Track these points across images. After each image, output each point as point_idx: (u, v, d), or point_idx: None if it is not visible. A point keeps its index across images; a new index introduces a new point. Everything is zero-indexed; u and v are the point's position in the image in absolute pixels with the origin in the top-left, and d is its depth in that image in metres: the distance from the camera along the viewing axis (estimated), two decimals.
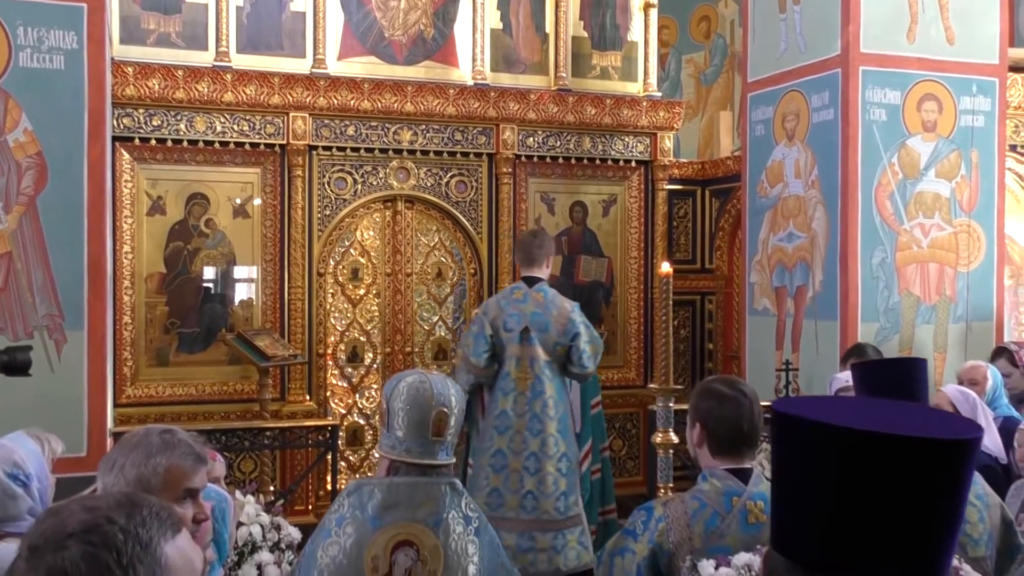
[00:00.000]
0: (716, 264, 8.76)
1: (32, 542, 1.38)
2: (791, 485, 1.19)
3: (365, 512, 2.69)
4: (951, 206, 6.43)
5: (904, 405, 1.37)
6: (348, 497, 2.75)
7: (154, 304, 6.97)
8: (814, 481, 1.14)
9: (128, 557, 1.38)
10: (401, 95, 7.39)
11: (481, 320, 5.54)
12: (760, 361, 7.06)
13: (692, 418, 3.00)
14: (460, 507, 2.78)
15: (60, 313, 5.28)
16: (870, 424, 1.12)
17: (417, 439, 2.76)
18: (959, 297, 6.47)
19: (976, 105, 6.46)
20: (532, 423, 5.57)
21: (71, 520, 1.39)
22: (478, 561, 2.75)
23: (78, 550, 1.36)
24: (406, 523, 2.69)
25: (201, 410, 6.90)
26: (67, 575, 1.34)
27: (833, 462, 1.12)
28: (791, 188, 6.77)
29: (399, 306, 7.66)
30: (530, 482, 5.53)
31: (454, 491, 2.79)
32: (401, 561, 2.66)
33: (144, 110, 6.83)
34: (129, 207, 6.85)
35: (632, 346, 8.20)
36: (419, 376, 2.84)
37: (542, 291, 5.70)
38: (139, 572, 1.39)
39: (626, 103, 8.04)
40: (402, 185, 7.60)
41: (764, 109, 7.09)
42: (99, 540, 1.37)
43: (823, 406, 1.21)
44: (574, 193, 8.11)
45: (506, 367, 5.56)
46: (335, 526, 2.71)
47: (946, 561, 1.12)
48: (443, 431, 2.79)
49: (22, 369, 4.20)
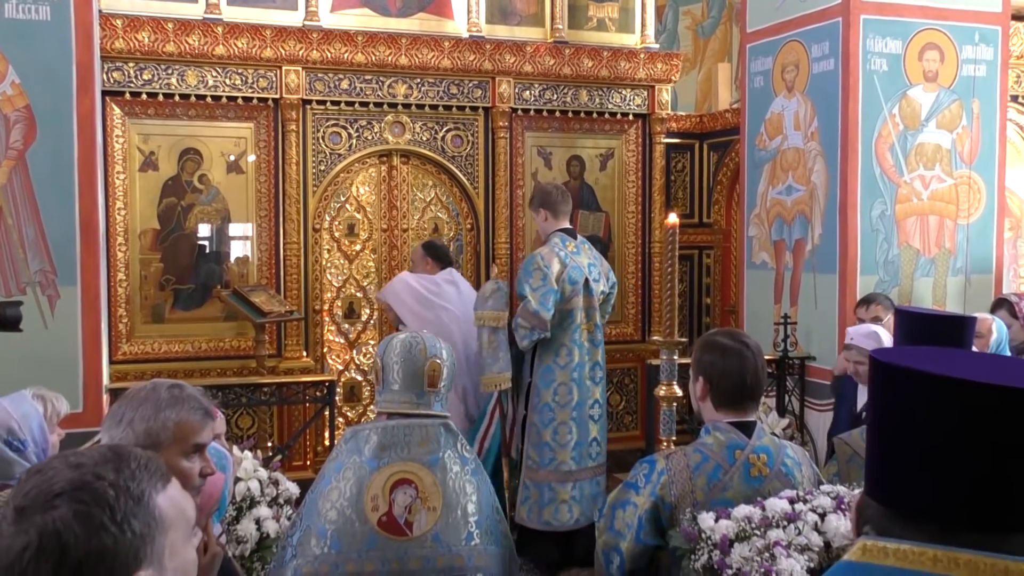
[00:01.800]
0: (714, 218, 8.71)
1: (18, 503, 1.33)
2: (899, 435, 1.18)
3: (362, 455, 2.74)
4: (952, 157, 6.37)
5: (998, 358, 1.39)
6: (345, 444, 2.81)
7: (148, 261, 6.91)
8: (928, 431, 1.14)
9: (122, 513, 1.35)
10: (395, 48, 7.29)
11: (547, 275, 5.42)
12: (758, 315, 7.04)
13: (695, 371, 2.97)
14: (456, 448, 2.83)
15: (53, 269, 5.23)
16: (988, 377, 1.13)
17: (412, 390, 2.83)
18: (959, 249, 6.43)
19: (978, 54, 6.38)
20: (594, 371, 5.71)
21: (57, 479, 1.35)
22: (476, 500, 2.78)
23: (69, 509, 1.32)
24: (403, 462, 2.73)
25: (197, 367, 6.88)
26: (60, 536, 1.30)
27: (954, 414, 1.12)
28: (790, 140, 6.71)
29: (395, 262, 7.62)
30: (595, 429, 5.68)
31: (449, 432, 2.85)
32: (400, 499, 2.69)
33: (134, 64, 6.73)
34: (121, 163, 6.77)
35: (630, 301, 8.17)
36: (410, 333, 2.96)
37: (585, 243, 5.85)
38: (134, 527, 1.36)
39: (623, 55, 7.94)
40: (397, 139, 7.52)
41: (763, 60, 7.00)
42: (90, 497, 1.34)
43: (928, 357, 1.22)
44: (571, 147, 8.03)
45: (576, 320, 5.58)
46: (334, 473, 2.76)
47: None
48: (437, 382, 2.86)
49: (12, 324, 4.19)
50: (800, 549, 2.68)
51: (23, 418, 2.88)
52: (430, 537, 2.68)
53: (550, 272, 5.44)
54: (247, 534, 3.64)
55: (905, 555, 0.98)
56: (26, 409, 2.91)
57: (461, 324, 5.90)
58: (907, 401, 1.18)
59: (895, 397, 1.20)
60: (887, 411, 1.21)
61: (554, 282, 5.43)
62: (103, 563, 1.33)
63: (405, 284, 6.08)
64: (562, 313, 5.52)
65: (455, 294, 6.12)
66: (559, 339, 5.55)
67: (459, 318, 5.94)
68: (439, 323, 5.85)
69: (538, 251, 5.64)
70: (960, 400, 1.13)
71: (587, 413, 5.61)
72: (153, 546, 1.39)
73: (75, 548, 1.31)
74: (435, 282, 6.12)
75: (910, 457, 1.16)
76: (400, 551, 2.65)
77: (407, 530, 2.68)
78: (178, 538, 1.45)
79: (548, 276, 5.42)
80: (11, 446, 2.80)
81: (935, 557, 0.96)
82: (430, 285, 6.07)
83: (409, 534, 2.67)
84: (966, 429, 1.12)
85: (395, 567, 2.64)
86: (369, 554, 2.64)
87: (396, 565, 2.64)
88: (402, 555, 2.65)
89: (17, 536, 1.31)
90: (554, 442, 5.52)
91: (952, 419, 1.13)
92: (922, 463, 1.15)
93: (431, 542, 2.67)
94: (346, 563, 2.64)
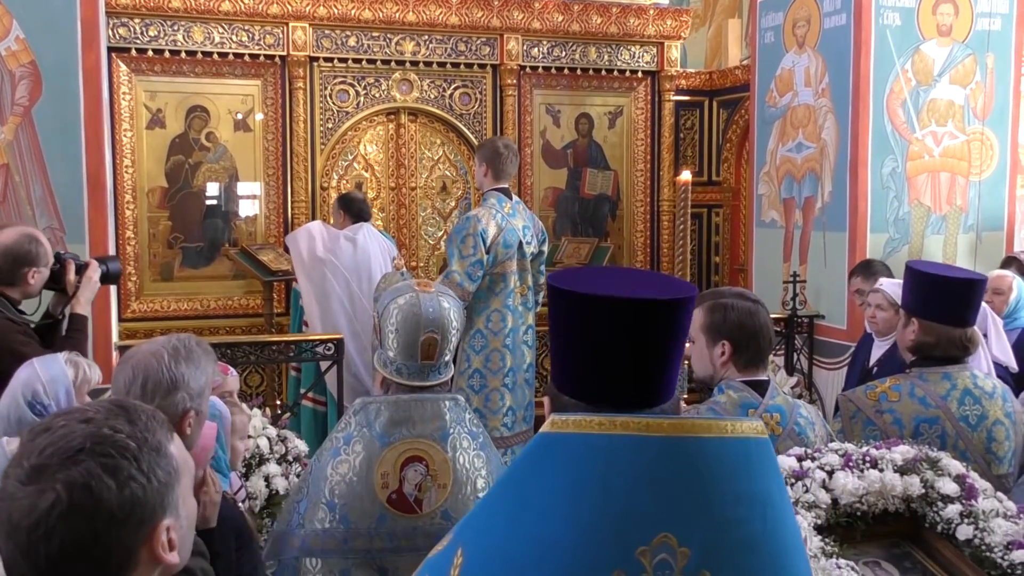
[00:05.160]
0: (723, 176, 8.65)
1: (35, 462, 1.33)
2: (566, 339, 1.51)
3: (373, 429, 2.69)
4: (964, 113, 6.30)
5: (650, 274, 1.82)
6: (355, 416, 2.75)
7: (156, 219, 6.91)
8: (572, 334, 1.49)
9: (147, 463, 1.38)
10: (403, 4, 7.22)
11: (477, 244, 5.33)
12: (767, 273, 7.02)
13: (714, 337, 2.92)
14: (465, 422, 2.78)
15: (61, 226, 5.21)
16: (605, 289, 1.45)
17: (407, 361, 2.76)
18: (970, 207, 6.38)
19: (994, 7, 6.28)
20: (527, 334, 5.67)
21: (73, 435, 1.35)
22: (486, 475, 2.76)
23: (96, 463, 1.33)
24: (414, 439, 2.69)
25: (207, 324, 6.89)
26: (91, 489, 1.32)
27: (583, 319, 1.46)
28: (801, 97, 6.64)
29: (403, 220, 7.60)
30: (529, 393, 5.67)
31: (458, 406, 2.80)
32: (411, 476, 2.66)
33: (140, 20, 6.68)
34: (128, 120, 6.75)
35: (639, 259, 8.15)
36: (411, 298, 2.79)
37: (520, 203, 5.80)
38: (159, 476, 1.39)
39: (632, 11, 7.85)
40: (405, 97, 7.47)
41: (774, 15, 6.91)
42: (113, 450, 1.36)
43: (581, 276, 1.54)
44: (580, 105, 7.98)
45: (510, 284, 5.52)
46: (343, 444, 2.71)
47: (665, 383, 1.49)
48: (433, 355, 2.77)
49: (116, 278, 4.39)
50: (808, 506, 2.68)
51: (51, 381, 2.80)
52: (439, 514, 2.66)
53: (485, 237, 5.35)
54: (257, 491, 3.67)
55: (579, 423, 1.28)
56: (56, 372, 2.83)
57: (351, 284, 5.91)
58: (561, 312, 1.50)
59: (555, 310, 1.52)
60: (556, 321, 1.52)
61: (484, 251, 5.34)
62: (134, 514, 1.36)
63: (308, 234, 6.07)
64: (494, 277, 5.46)
65: (349, 251, 6.03)
66: (491, 304, 5.48)
67: (346, 278, 5.94)
68: (323, 283, 5.91)
69: (475, 212, 5.55)
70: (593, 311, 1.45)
71: (522, 377, 5.58)
72: (172, 495, 1.42)
73: (108, 500, 1.33)
74: (335, 237, 6.07)
75: (576, 356, 1.48)
76: (409, 528, 2.64)
77: (416, 507, 2.66)
78: (187, 486, 1.48)
79: (479, 245, 5.33)
80: (33, 409, 2.73)
81: (599, 422, 1.26)
82: (328, 242, 6.04)
83: (419, 511, 2.65)
84: (603, 333, 1.44)
85: (404, 544, 2.63)
86: (378, 531, 2.63)
87: (405, 543, 2.63)
88: (411, 532, 2.63)
89: (41, 495, 1.31)
90: (485, 409, 5.46)
91: (595, 326, 1.45)
92: (585, 359, 1.47)
93: (440, 519, 2.65)
94: (355, 539, 2.63)
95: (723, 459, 1.26)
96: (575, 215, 8.01)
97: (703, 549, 1.22)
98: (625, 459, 1.25)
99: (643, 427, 1.26)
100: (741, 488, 1.26)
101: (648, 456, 1.24)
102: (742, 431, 1.29)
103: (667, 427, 1.26)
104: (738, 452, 1.28)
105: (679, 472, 1.24)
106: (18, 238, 3.83)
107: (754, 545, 1.26)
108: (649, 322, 1.43)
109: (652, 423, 1.26)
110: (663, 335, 1.45)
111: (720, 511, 1.24)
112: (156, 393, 2.31)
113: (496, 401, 5.51)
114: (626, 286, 1.48)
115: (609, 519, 1.23)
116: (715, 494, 1.24)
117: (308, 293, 6.04)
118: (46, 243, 3.96)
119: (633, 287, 1.48)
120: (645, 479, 1.23)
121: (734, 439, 1.28)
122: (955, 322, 3.33)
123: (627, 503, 1.23)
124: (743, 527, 1.25)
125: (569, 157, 7.97)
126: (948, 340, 3.33)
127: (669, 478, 1.24)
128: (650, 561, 1.21)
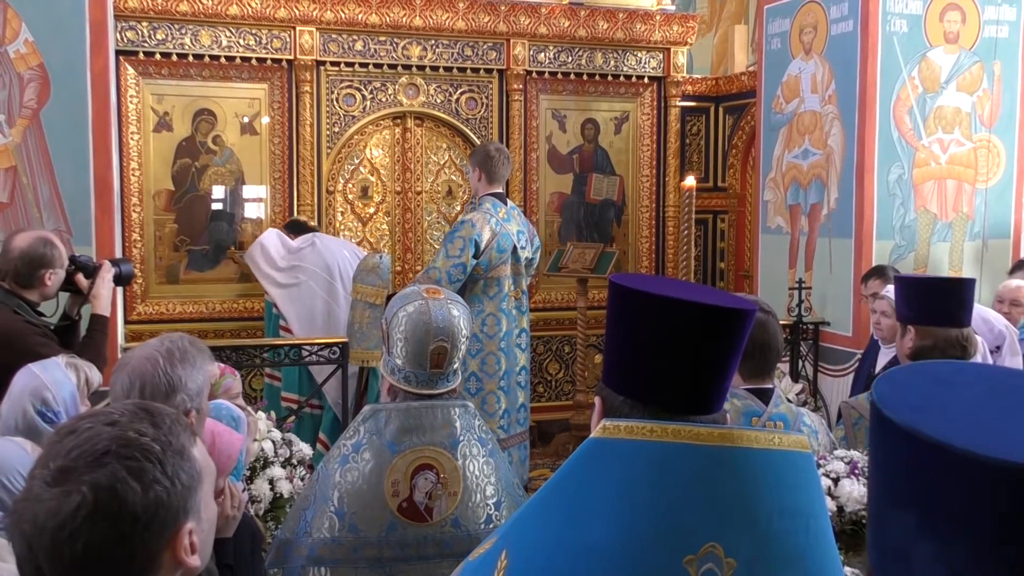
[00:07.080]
0: (729, 182, 8.65)
1: (61, 464, 1.33)
2: (629, 339, 1.50)
3: (383, 437, 2.66)
4: (971, 121, 6.30)
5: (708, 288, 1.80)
6: (364, 423, 2.71)
7: (163, 222, 6.92)
8: (639, 336, 1.48)
9: (172, 466, 1.38)
10: (410, 9, 7.23)
11: (466, 247, 5.37)
12: (773, 280, 7.01)
13: None
14: (475, 429, 2.75)
15: (68, 228, 5.23)
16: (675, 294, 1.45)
17: (415, 369, 2.71)
18: (976, 214, 6.38)
19: (1001, 15, 6.28)
20: (520, 338, 5.74)
21: (99, 437, 1.35)
22: (496, 481, 2.73)
23: (121, 465, 1.33)
24: (425, 446, 2.66)
25: (212, 327, 6.89)
26: (116, 492, 1.32)
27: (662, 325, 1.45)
28: (807, 103, 6.64)
29: (409, 224, 7.61)
30: (522, 395, 5.75)
31: (467, 413, 2.76)
32: (421, 484, 2.64)
33: (148, 23, 6.70)
34: (135, 123, 6.76)
35: (644, 265, 8.14)
36: (420, 305, 2.73)
37: (515, 208, 5.90)
38: (182, 479, 1.40)
39: (639, 17, 7.86)
40: (411, 102, 7.48)
41: (781, 22, 6.92)
42: (139, 453, 1.36)
43: (648, 281, 1.55)
44: (585, 110, 7.98)
45: (504, 288, 5.57)
46: (352, 452, 2.68)
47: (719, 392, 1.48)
48: (442, 363, 2.72)
49: (127, 280, 4.48)
50: None
51: (56, 386, 2.76)
52: (449, 522, 2.63)
53: (479, 243, 5.43)
54: (261, 494, 3.68)
55: (631, 429, 1.28)
56: (59, 377, 2.80)
57: (329, 281, 6.08)
58: (627, 313, 1.49)
59: (620, 311, 1.51)
60: (621, 321, 1.51)
61: (472, 256, 5.39)
62: (158, 517, 1.36)
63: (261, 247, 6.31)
64: (489, 281, 5.52)
65: (310, 251, 6.27)
66: (486, 308, 5.54)
67: (319, 274, 6.11)
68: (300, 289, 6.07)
69: (472, 216, 5.60)
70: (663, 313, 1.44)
71: (515, 380, 5.65)
72: (194, 498, 1.43)
73: (132, 504, 1.33)
74: (291, 246, 6.34)
75: (639, 357, 1.47)
76: (419, 537, 2.62)
77: (427, 516, 2.63)
78: (208, 490, 1.49)
79: (467, 249, 5.38)
80: (44, 417, 2.70)
81: (651, 429, 1.27)
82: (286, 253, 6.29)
83: (429, 520, 2.63)
84: (670, 336, 1.43)
85: (413, 553, 2.60)
86: (388, 539, 2.61)
87: (415, 551, 2.61)
88: (421, 541, 2.61)
89: (67, 497, 1.31)
90: (482, 412, 5.48)
91: (661, 328, 1.44)
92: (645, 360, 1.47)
93: (450, 527, 2.63)
94: (365, 547, 2.60)
95: (770, 471, 1.27)
96: (580, 220, 8.01)
97: (749, 560, 1.23)
98: (675, 467, 1.26)
99: (694, 436, 1.27)
100: (786, 501, 1.27)
101: (697, 465, 1.26)
102: (788, 444, 1.30)
103: (717, 436, 1.27)
104: (784, 465, 1.29)
105: (727, 482, 1.25)
106: (33, 242, 3.88)
107: (797, 558, 1.27)
108: (718, 329, 1.44)
109: (703, 432, 1.27)
110: (726, 344, 1.46)
111: (766, 523, 1.25)
112: (155, 398, 2.28)
113: (492, 404, 5.56)
114: (692, 294, 1.49)
115: (658, 526, 1.23)
116: (762, 506, 1.25)
117: (280, 298, 6.25)
118: (61, 245, 4.00)
119: (699, 296, 1.49)
120: (694, 488, 1.24)
121: (781, 452, 1.29)
122: (949, 323, 3.33)
123: (676, 511, 1.24)
124: (787, 540, 1.26)
125: (575, 162, 7.97)
126: (945, 341, 3.32)
127: (717, 488, 1.25)
128: (697, 570, 1.22)
